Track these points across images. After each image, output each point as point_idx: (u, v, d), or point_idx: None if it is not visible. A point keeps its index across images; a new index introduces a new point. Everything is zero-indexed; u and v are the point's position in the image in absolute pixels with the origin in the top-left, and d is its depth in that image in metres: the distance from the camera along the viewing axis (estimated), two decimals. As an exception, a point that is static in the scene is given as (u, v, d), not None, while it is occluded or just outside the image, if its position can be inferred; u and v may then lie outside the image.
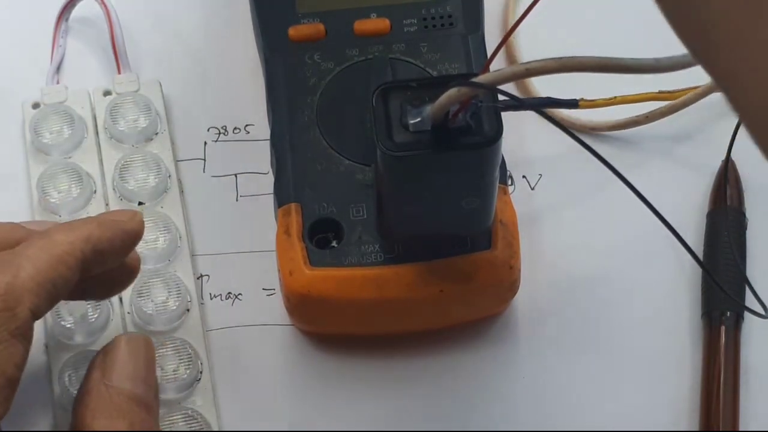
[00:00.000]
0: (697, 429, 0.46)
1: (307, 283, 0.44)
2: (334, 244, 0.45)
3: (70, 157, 0.50)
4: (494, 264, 0.45)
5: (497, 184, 0.42)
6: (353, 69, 0.48)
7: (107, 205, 0.49)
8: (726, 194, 0.49)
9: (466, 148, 0.39)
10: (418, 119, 0.39)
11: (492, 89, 0.37)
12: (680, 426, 0.46)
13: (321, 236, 0.45)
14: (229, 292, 0.49)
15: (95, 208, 0.49)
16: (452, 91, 0.37)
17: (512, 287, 0.46)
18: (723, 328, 0.47)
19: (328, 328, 0.47)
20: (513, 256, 0.45)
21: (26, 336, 0.38)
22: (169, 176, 0.50)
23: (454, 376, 0.47)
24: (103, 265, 0.41)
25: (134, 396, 0.41)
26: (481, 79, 0.37)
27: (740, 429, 0.45)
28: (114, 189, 0.49)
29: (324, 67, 0.48)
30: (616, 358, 0.48)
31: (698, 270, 0.49)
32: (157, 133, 0.51)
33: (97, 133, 0.51)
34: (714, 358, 0.46)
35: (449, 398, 0.47)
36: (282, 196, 0.46)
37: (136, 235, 0.42)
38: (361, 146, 0.45)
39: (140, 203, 0.49)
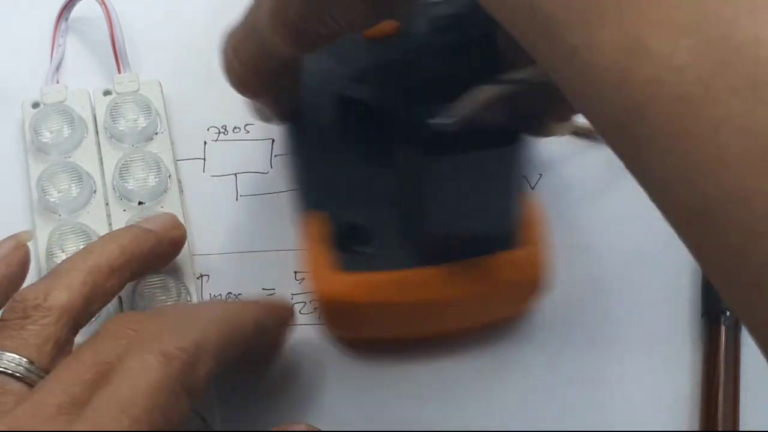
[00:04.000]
0: (697, 429, 0.46)
1: (340, 290, 0.43)
2: (361, 249, 0.44)
3: (69, 157, 0.50)
4: (522, 262, 0.44)
5: (524, 181, 0.41)
6: (368, 71, 0.47)
7: (107, 204, 0.49)
8: None
9: (494, 146, 0.38)
10: (444, 118, 0.38)
11: (520, 84, 0.37)
12: (681, 426, 0.46)
13: (347, 242, 0.44)
14: (229, 292, 0.49)
15: (95, 208, 0.49)
16: (481, 89, 0.37)
17: (541, 284, 0.46)
18: (723, 328, 0.47)
19: (362, 333, 0.47)
20: (540, 253, 0.45)
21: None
22: (169, 176, 0.50)
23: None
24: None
25: None
26: (509, 76, 0.36)
27: (740, 429, 0.45)
28: (114, 188, 0.49)
29: (339, 72, 0.47)
30: (615, 357, 0.48)
31: (699, 270, 0.49)
32: (157, 133, 0.51)
33: (97, 132, 0.51)
34: (714, 358, 0.46)
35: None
36: (306, 203, 0.45)
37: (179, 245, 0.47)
38: (384, 150, 0.44)
39: (140, 203, 0.49)
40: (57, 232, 0.48)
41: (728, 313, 0.47)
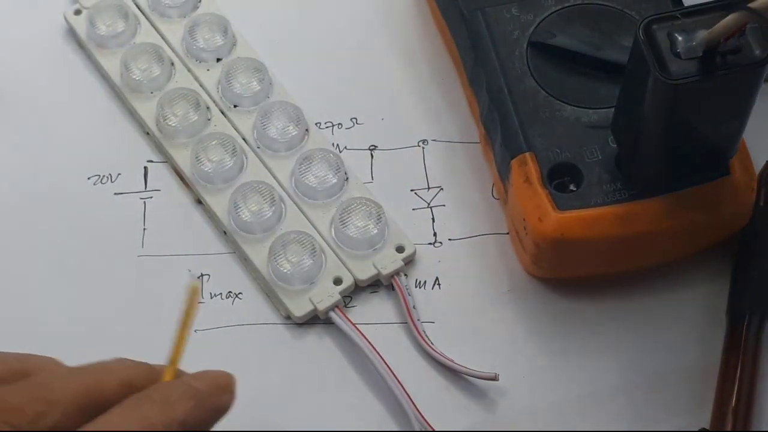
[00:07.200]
0: (708, 425, 0.45)
1: (559, 227, 0.45)
2: (572, 187, 0.45)
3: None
4: (737, 188, 0.45)
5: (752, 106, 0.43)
6: (552, 19, 0.49)
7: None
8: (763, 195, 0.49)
9: (742, 69, 0.39)
10: (690, 46, 0.39)
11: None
12: (692, 423, 0.45)
13: (558, 181, 0.46)
14: (230, 291, 0.49)
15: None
16: (739, 14, 0.38)
17: (751, 210, 0.47)
18: (745, 327, 0.46)
19: (576, 270, 0.48)
20: (752, 179, 0.46)
21: None
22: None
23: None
24: None
25: None
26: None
27: (753, 429, 0.44)
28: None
29: (524, 20, 0.49)
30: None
31: (729, 268, 0.49)
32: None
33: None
34: (732, 357, 0.46)
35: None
36: (513, 147, 0.47)
37: (225, 411, 0.37)
38: (581, 90, 0.47)
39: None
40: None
41: (752, 314, 0.47)
